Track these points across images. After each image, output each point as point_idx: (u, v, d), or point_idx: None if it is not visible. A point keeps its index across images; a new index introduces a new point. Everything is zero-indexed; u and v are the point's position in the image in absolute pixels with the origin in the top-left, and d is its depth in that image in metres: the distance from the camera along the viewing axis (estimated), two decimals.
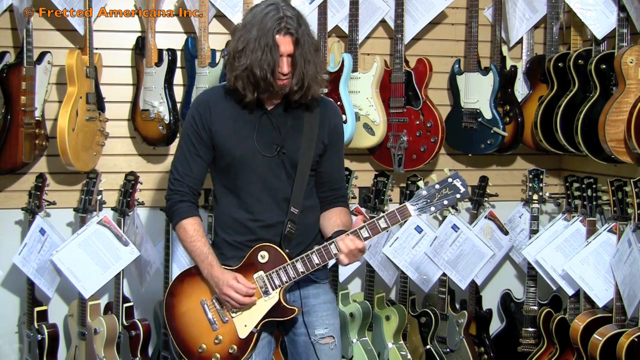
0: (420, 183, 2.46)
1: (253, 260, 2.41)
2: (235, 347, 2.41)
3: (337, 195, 2.57)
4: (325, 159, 2.51)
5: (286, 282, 2.40)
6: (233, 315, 2.42)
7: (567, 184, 3.52)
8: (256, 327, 2.41)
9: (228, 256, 2.45)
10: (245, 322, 2.41)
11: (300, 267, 2.38)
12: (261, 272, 2.41)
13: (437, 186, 2.34)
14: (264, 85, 2.33)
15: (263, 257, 2.41)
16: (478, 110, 3.66)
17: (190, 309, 2.47)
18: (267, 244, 2.41)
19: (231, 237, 2.46)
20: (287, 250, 2.41)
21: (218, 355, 2.42)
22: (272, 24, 2.29)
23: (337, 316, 2.59)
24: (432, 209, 2.34)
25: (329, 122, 2.50)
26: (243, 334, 2.41)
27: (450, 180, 2.33)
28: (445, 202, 2.33)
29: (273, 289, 2.40)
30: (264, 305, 2.41)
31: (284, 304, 2.41)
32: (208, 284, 2.44)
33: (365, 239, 2.35)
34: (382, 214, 2.36)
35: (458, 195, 2.33)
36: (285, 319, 2.43)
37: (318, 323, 2.50)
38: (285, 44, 2.31)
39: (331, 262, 2.45)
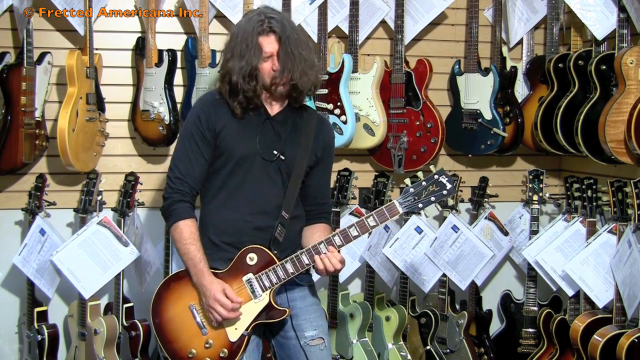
0: (407, 180, 2.47)
1: (242, 263, 2.41)
2: (226, 350, 2.41)
3: (322, 210, 2.61)
4: (314, 173, 2.55)
5: (276, 283, 2.40)
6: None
7: (567, 185, 3.52)
8: (247, 329, 2.41)
9: (214, 258, 2.44)
10: (236, 325, 2.41)
11: (290, 267, 2.39)
12: (250, 275, 2.40)
13: (423, 183, 2.35)
14: (240, 93, 2.38)
15: (252, 259, 2.41)
16: (478, 111, 3.66)
17: (179, 313, 2.45)
18: (256, 246, 2.41)
19: (218, 238, 2.46)
20: (275, 252, 2.41)
21: None
22: (254, 26, 2.35)
23: (325, 318, 2.61)
24: (420, 205, 2.35)
25: (324, 137, 2.56)
26: (234, 337, 2.41)
27: (436, 177, 2.34)
28: (432, 199, 2.34)
29: (263, 291, 2.40)
30: (254, 308, 2.41)
31: (275, 305, 2.41)
32: (197, 288, 2.43)
33: (355, 237, 2.37)
34: (370, 212, 2.37)
35: (445, 192, 2.34)
36: (276, 320, 2.43)
37: (307, 325, 2.50)
38: (268, 43, 2.36)
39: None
